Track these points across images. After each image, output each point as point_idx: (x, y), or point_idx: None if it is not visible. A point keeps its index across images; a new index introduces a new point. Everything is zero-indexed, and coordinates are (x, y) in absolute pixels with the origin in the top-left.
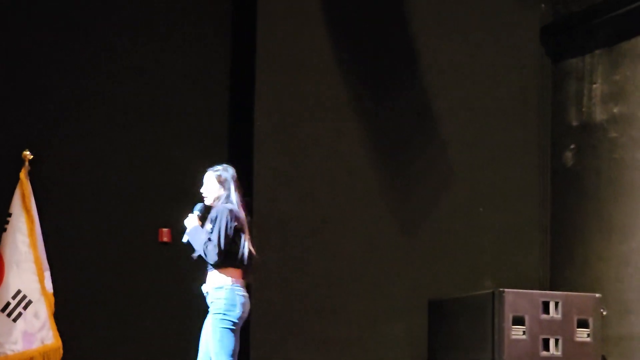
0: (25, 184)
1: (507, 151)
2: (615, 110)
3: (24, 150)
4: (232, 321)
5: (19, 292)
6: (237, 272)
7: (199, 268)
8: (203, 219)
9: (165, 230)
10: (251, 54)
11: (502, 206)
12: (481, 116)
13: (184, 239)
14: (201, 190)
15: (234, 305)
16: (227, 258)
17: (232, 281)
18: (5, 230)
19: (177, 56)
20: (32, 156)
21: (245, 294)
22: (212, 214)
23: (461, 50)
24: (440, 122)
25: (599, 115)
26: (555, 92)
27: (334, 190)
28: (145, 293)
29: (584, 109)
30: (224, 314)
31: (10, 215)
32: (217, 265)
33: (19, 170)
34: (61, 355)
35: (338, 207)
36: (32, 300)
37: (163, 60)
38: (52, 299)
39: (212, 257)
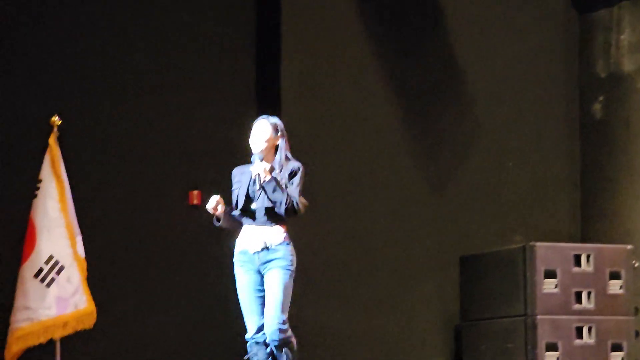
0: (54, 149)
1: (534, 105)
2: None
3: (53, 116)
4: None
5: (51, 257)
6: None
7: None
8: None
9: (195, 192)
10: (277, 14)
11: (531, 160)
12: (508, 70)
13: (257, 186)
14: (251, 140)
15: (295, 263)
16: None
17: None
18: (36, 196)
19: (203, 17)
20: (60, 121)
21: None
22: (293, 168)
23: (486, 4)
24: (467, 78)
25: (627, 65)
26: (582, 44)
27: (362, 149)
28: (176, 256)
29: (611, 60)
30: (293, 271)
31: (40, 181)
32: (283, 220)
33: (48, 136)
34: (95, 319)
35: (366, 165)
36: (64, 265)
37: (189, 20)
38: (85, 264)
39: (291, 212)
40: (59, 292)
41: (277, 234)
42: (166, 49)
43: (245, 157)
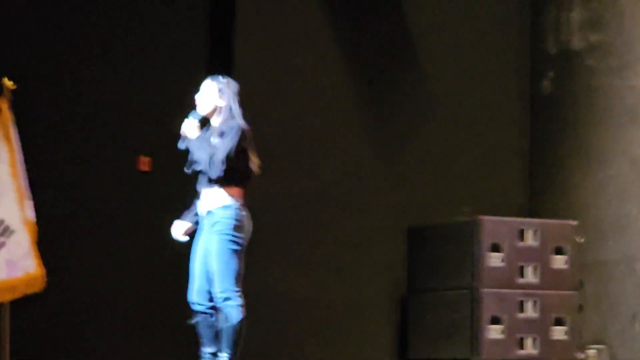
0: (5, 113)
1: (486, 79)
2: (592, 38)
3: (4, 79)
4: (240, 242)
5: (2, 221)
6: (241, 191)
7: (179, 197)
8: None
9: (144, 158)
10: None
11: (482, 133)
12: (461, 43)
13: (181, 145)
14: (197, 98)
15: (241, 226)
16: (234, 176)
17: (237, 200)
18: None
19: None
20: (14, 86)
21: (248, 213)
22: (223, 127)
23: None
24: (420, 49)
25: (577, 43)
26: (534, 20)
27: (314, 118)
28: (126, 221)
29: (562, 37)
30: (234, 235)
31: None
32: (222, 183)
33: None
34: (44, 283)
35: (316, 133)
36: (14, 229)
37: None
38: (35, 228)
39: (217, 172)
40: (9, 255)
41: (216, 196)
42: (117, 12)
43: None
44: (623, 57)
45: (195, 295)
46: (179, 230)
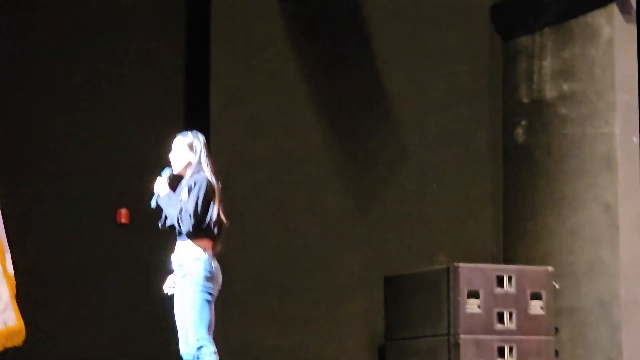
0: None
1: (459, 128)
2: (564, 87)
3: None
4: (210, 292)
5: None
6: (210, 242)
7: (158, 249)
8: (172, 186)
9: (123, 211)
10: (206, 32)
11: (456, 182)
12: (433, 94)
13: (153, 204)
14: (170, 156)
15: (211, 277)
16: (202, 229)
17: (208, 252)
18: None
19: (134, 35)
20: None
21: (218, 265)
22: (190, 182)
23: (412, 29)
24: (394, 100)
25: (549, 92)
26: (506, 70)
27: (289, 169)
28: (105, 274)
29: (534, 86)
30: (204, 285)
31: None
32: (191, 236)
33: None
34: (24, 336)
35: (293, 186)
36: None
37: (118, 41)
38: (14, 281)
39: (187, 226)
40: None
41: (184, 249)
42: (97, 66)
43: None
44: (595, 105)
45: (182, 347)
46: (169, 283)
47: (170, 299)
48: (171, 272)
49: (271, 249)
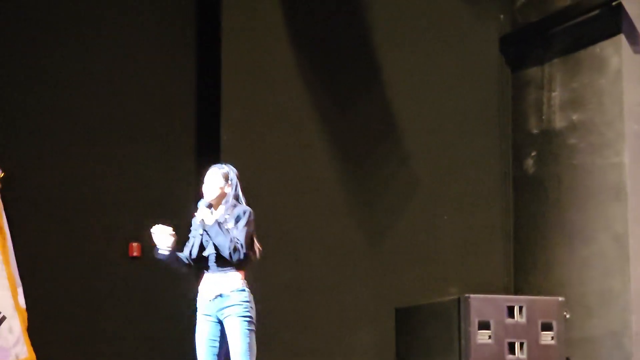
0: None
1: (469, 159)
2: (574, 117)
3: None
4: (255, 324)
5: None
6: (245, 274)
7: (169, 282)
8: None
9: (135, 244)
10: (216, 68)
11: (466, 214)
12: (443, 126)
13: (200, 231)
14: (203, 188)
15: (254, 307)
16: (248, 259)
17: (247, 283)
18: None
19: (143, 70)
20: (2, 173)
21: None
22: (238, 213)
23: (422, 61)
24: (404, 132)
25: (559, 122)
26: (515, 101)
27: (300, 202)
28: (117, 308)
29: (543, 117)
30: (251, 317)
31: None
32: (239, 266)
33: None
34: None
35: (304, 218)
36: (6, 316)
37: (129, 74)
38: (25, 314)
39: (238, 256)
40: (1, 342)
41: (230, 280)
42: (108, 100)
43: (186, 207)
44: (604, 135)
45: None
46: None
47: (186, 333)
48: (163, 259)
49: (282, 280)
